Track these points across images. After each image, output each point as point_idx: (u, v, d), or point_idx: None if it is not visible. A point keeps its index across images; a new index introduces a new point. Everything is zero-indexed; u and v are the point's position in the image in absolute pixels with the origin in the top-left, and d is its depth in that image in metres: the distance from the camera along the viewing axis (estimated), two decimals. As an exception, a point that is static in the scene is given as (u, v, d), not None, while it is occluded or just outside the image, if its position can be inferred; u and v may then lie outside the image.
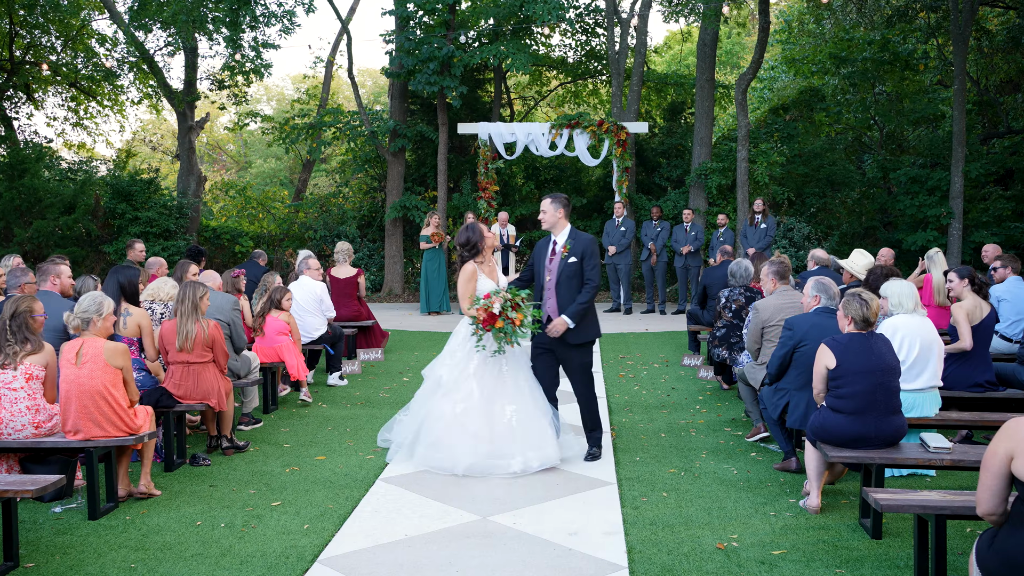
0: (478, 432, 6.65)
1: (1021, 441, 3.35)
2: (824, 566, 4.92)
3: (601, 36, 22.04)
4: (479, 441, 6.63)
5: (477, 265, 7.03)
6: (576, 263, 6.84)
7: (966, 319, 7.10)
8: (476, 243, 7.02)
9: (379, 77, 40.11)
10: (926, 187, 19.02)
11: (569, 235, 6.95)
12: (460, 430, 6.68)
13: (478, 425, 6.68)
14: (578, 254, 6.85)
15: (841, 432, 5.50)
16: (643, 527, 5.56)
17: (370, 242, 21.01)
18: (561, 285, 6.86)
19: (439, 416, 6.82)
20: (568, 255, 6.86)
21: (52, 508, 5.89)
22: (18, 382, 5.72)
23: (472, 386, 6.78)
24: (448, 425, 6.73)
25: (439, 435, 6.75)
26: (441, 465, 6.65)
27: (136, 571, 4.88)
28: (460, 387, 6.82)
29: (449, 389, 6.86)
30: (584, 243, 6.90)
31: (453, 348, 7.06)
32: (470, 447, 6.61)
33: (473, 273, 6.97)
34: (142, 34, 19.86)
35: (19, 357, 5.75)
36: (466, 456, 6.58)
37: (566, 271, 6.85)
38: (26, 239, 18.32)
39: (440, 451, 6.69)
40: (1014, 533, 3.41)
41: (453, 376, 6.89)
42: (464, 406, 6.74)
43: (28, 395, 5.75)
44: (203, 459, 7.00)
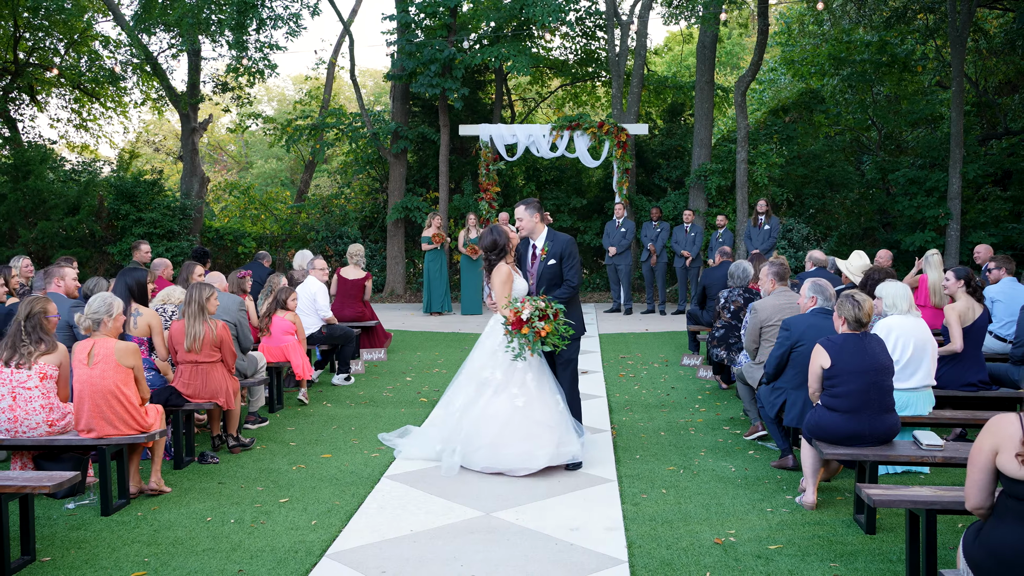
0: (546, 421, 6.69)
1: (1005, 437, 3.49)
2: (819, 560, 5.05)
3: (601, 39, 22.18)
4: (551, 431, 6.67)
5: (508, 265, 6.99)
6: (555, 265, 6.95)
7: (958, 321, 7.23)
8: (504, 245, 6.95)
9: (379, 77, 40.26)
10: (924, 188, 19.16)
11: (547, 237, 7.05)
12: (527, 424, 6.66)
13: (543, 415, 6.71)
14: (556, 256, 6.95)
15: (836, 430, 5.64)
16: (643, 523, 5.69)
17: (372, 243, 21.15)
18: (540, 287, 6.98)
19: (493, 416, 6.74)
20: (547, 257, 6.97)
21: (65, 504, 6.03)
22: (32, 381, 5.86)
23: (526, 378, 6.80)
24: (508, 423, 6.68)
25: (496, 435, 6.68)
26: (519, 465, 6.61)
27: (149, 565, 5.02)
28: (513, 381, 6.78)
29: (500, 387, 6.82)
30: (562, 244, 6.98)
31: (493, 348, 6.96)
32: (546, 439, 6.64)
33: (509, 274, 6.93)
34: (146, 37, 19.98)
35: (33, 357, 5.89)
36: (546, 446, 6.61)
37: (546, 273, 6.97)
38: (31, 240, 18.46)
39: (507, 449, 6.64)
40: (998, 526, 3.55)
41: (501, 374, 6.85)
42: (524, 399, 6.74)
43: (42, 394, 5.88)
44: (211, 457, 7.14)
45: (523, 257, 7.16)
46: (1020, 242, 18.91)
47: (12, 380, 5.84)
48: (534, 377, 6.83)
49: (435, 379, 10.63)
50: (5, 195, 18.54)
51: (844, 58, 20.81)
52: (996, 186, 20.74)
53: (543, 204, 20.95)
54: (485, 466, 6.67)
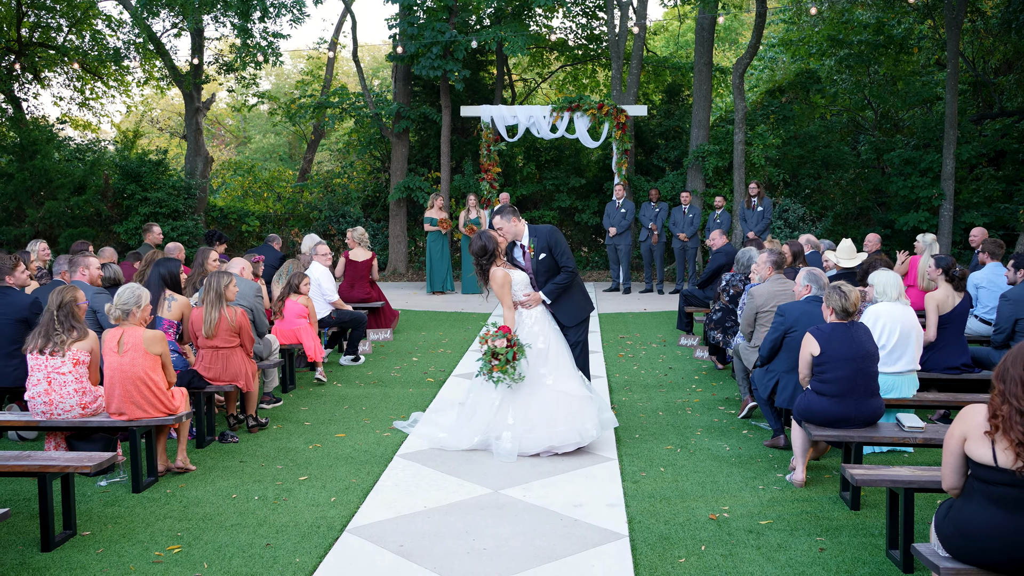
0: (581, 394, 7.03)
1: (973, 425, 3.84)
2: (806, 534, 5.43)
3: (601, 18, 22.36)
4: (590, 401, 7.04)
5: (504, 267, 7.21)
6: (548, 257, 7.28)
7: (935, 310, 7.57)
8: (493, 249, 7.17)
9: (378, 52, 40.34)
10: (919, 168, 19.47)
11: (530, 234, 7.36)
12: (568, 400, 6.94)
13: (577, 388, 7.04)
14: (544, 248, 7.28)
15: (824, 413, 6.00)
16: (642, 499, 6.06)
17: (374, 222, 21.45)
18: (539, 278, 7.33)
19: (536, 399, 6.98)
20: (536, 252, 7.30)
21: (98, 482, 6.39)
22: (66, 367, 6.20)
23: (557, 360, 7.09)
24: (554, 403, 6.95)
25: (545, 416, 6.93)
26: (573, 440, 6.89)
27: (183, 539, 5.38)
28: (537, 363, 7.03)
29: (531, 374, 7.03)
30: (545, 236, 7.31)
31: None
32: (588, 410, 6.97)
33: (505, 276, 7.14)
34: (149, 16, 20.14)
35: (66, 344, 6.22)
36: (592, 417, 6.96)
37: (541, 267, 7.31)
38: (38, 219, 18.75)
39: (559, 427, 6.89)
40: (965, 505, 3.91)
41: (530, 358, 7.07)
42: (554, 378, 7.02)
43: (76, 379, 6.23)
44: (231, 436, 7.49)
45: (516, 259, 7.45)
46: (1011, 222, 19.24)
47: (47, 366, 6.19)
48: (557, 353, 7.12)
49: (440, 359, 10.98)
50: (12, 175, 18.82)
51: (841, 39, 21.02)
52: (990, 165, 21.02)
53: (543, 183, 21.27)
54: (541, 448, 6.90)
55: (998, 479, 3.75)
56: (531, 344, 7.02)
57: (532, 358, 7.02)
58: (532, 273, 7.33)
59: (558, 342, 7.23)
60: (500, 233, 7.27)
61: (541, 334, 7.16)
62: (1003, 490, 3.75)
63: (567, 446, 6.92)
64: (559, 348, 7.20)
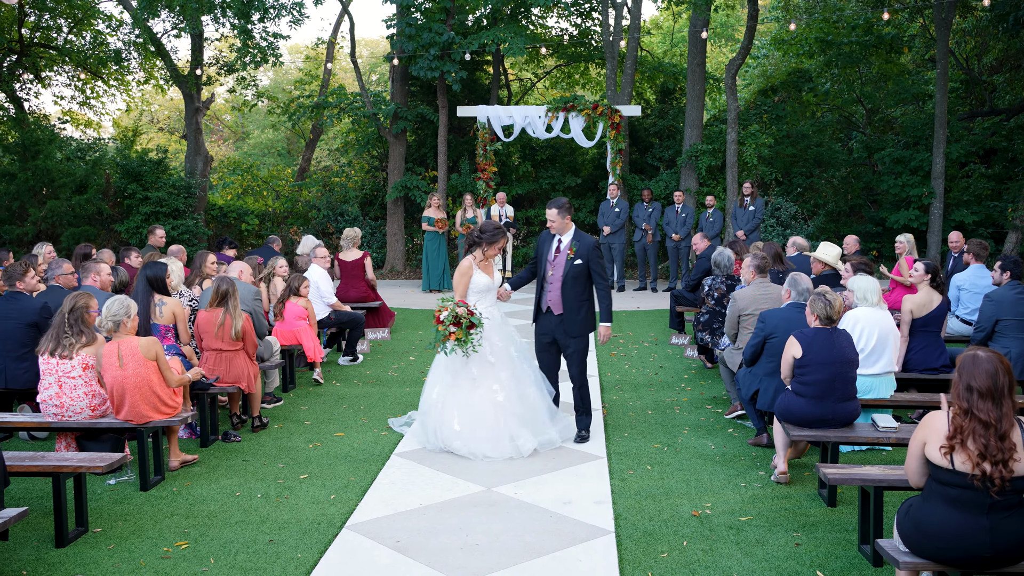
0: (520, 414, 7.29)
1: (932, 431, 4.12)
2: (784, 530, 5.70)
3: (596, 18, 22.59)
4: (523, 423, 7.28)
5: (475, 261, 7.43)
6: (582, 265, 7.39)
7: (910, 314, 7.85)
8: (483, 241, 7.39)
9: (375, 48, 40.57)
10: (909, 167, 19.74)
11: (574, 237, 7.50)
12: (504, 416, 7.23)
13: (517, 407, 7.30)
14: (584, 257, 7.39)
15: (803, 414, 6.28)
16: (629, 497, 6.34)
17: (372, 220, 21.70)
18: (567, 284, 7.41)
19: (468, 406, 7.28)
20: (575, 257, 7.40)
21: (107, 480, 6.66)
22: (76, 371, 6.47)
23: (501, 376, 7.32)
24: (482, 414, 7.25)
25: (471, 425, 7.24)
26: (492, 455, 7.13)
27: (189, 536, 5.65)
28: (490, 376, 7.30)
29: (478, 381, 7.31)
30: (589, 247, 7.44)
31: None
32: (517, 430, 7.23)
33: (468, 269, 7.39)
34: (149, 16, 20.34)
35: (75, 349, 6.48)
36: (517, 437, 7.22)
37: (572, 271, 7.40)
38: (40, 218, 18.98)
39: (480, 440, 7.18)
40: (924, 504, 4.19)
41: (477, 369, 7.29)
42: (504, 395, 7.28)
43: (85, 382, 6.50)
44: (234, 436, 7.76)
45: (543, 249, 7.61)
46: (1000, 220, 19.51)
47: (58, 370, 6.45)
48: (510, 375, 7.33)
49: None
50: (15, 174, 19.06)
51: (831, 40, 21.27)
52: (981, 163, 21.27)
53: (539, 182, 21.52)
54: (463, 453, 7.20)
55: (954, 481, 4.03)
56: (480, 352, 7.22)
57: (481, 368, 7.26)
58: (561, 271, 7.42)
59: (509, 354, 7.40)
60: (549, 224, 7.48)
61: (491, 346, 7.32)
62: (957, 492, 4.03)
63: (503, 458, 7.15)
64: (514, 365, 7.39)
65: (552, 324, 7.56)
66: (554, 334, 7.58)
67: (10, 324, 7.39)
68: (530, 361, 7.67)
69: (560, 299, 7.48)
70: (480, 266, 7.47)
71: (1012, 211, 18.92)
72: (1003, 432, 3.92)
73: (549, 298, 7.55)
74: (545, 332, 7.65)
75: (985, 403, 3.95)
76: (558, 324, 7.52)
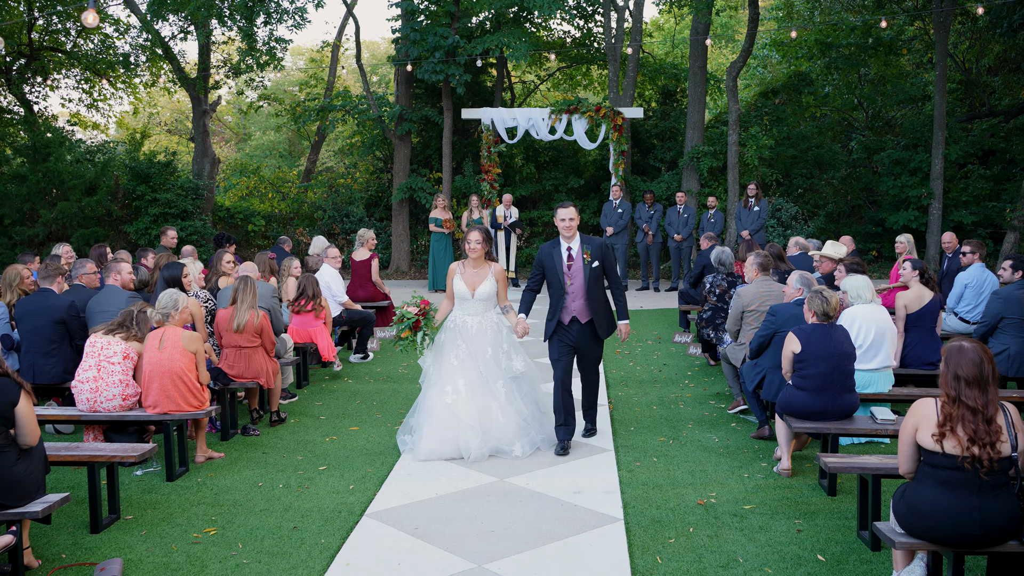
0: (468, 422, 7.22)
1: (922, 417, 4.38)
2: (786, 518, 5.96)
3: (599, 21, 22.86)
4: (472, 431, 7.20)
5: (460, 267, 7.47)
6: (599, 267, 7.30)
7: (904, 309, 8.12)
8: (463, 247, 7.48)
9: (377, 49, 40.81)
10: (908, 168, 20.02)
11: (583, 241, 7.37)
12: (449, 419, 7.23)
13: (467, 416, 7.22)
14: (599, 258, 7.30)
15: (804, 407, 6.53)
16: (636, 487, 6.60)
17: (377, 221, 21.96)
18: (591, 290, 7.29)
19: (423, 405, 7.42)
20: (592, 260, 7.28)
21: (134, 472, 6.92)
22: (117, 358, 6.86)
23: (459, 382, 7.29)
24: (432, 414, 7.29)
25: (423, 424, 7.34)
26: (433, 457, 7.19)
27: (217, 523, 5.91)
28: (446, 379, 7.31)
29: (435, 382, 7.39)
30: (601, 248, 7.35)
31: (438, 345, 7.55)
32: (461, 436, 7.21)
33: (451, 272, 7.48)
34: (156, 20, 20.60)
35: (129, 336, 6.93)
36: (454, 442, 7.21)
37: (593, 275, 7.28)
38: (51, 220, 19.23)
39: (427, 439, 7.24)
40: (917, 488, 4.46)
41: (436, 372, 7.40)
42: (453, 398, 7.26)
43: (123, 370, 6.87)
44: (253, 430, 8.03)
45: (553, 261, 7.35)
46: (999, 220, 19.78)
47: (100, 353, 6.82)
48: (467, 382, 7.28)
49: (445, 356, 11.49)
50: (26, 176, 19.31)
51: (831, 42, 21.54)
52: (979, 163, 21.52)
53: (542, 183, 21.78)
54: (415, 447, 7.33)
55: (945, 464, 4.30)
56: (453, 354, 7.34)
57: (441, 369, 7.35)
58: (584, 278, 7.27)
59: (479, 363, 7.35)
60: (570, 224, 7.29)
61: (457, 350, 7.36)
62: (948, 473, 4.30)
63: (444, 458, 7.22)
64: (476, 369, 7.33)
65: (577, 334, 7.38)
66: (578, 342, 7.42)
67: (39, 321, 7.64)
68: (523, 381, 7.58)
69: (586, 307, 7.34)
70: (465, 273, 7.45)
71: (1010, 211, 19.20)
72: (989, 417, 4.19)
73: (572, 308, 7.35)
74: (567, 341, 7.43)
75: (972, 391, 4.22)
76: (587, 332, 7.39)
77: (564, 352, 7.44)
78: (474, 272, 7.44)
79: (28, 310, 7.71)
